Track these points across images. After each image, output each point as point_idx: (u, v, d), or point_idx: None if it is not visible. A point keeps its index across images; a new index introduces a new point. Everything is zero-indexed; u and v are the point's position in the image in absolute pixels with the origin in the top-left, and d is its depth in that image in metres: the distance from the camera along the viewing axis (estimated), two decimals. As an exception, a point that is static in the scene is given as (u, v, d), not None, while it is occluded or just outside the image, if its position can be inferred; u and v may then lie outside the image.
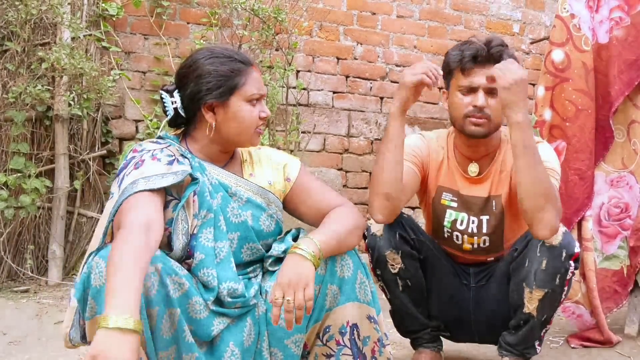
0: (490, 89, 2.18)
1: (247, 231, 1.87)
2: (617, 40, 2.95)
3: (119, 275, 1.44)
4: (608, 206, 3.03)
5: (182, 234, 1.75)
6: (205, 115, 1.84)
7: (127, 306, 1.39)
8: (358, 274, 1.86)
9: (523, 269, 2.16)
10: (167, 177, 1.72)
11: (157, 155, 1.78)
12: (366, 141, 4.78)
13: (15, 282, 3.61)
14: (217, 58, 1.85)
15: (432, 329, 2.43)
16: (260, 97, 1.89)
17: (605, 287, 3.01)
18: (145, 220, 1.60)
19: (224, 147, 1.91)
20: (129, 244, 1.52)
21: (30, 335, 2.88)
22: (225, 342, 1.75)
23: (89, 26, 3.90)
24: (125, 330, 1.37)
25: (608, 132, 2.99)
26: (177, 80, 1.90)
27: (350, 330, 1.84)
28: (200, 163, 1.85)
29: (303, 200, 1.99)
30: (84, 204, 3.91)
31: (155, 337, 1.62)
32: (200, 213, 1.79)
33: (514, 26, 5.24)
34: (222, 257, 1.80)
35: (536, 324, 2.19)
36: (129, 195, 1.66)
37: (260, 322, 1.82)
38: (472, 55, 2.21)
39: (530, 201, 2.05)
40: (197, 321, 1.71)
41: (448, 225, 2.39)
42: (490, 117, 2.21)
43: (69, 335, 1.71)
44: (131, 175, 1.73)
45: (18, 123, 3.55)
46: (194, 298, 1.70)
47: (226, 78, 1.83)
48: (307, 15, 4.40)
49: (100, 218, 1.82)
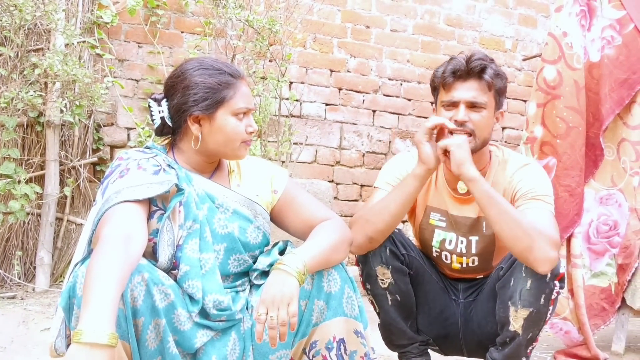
0: (473, 104, 2.19)
1: (233, 242, 1.85)
2: (609, 59, 2.98)
3: (95, 289, 1.43)
4: (597, 223, 3.04)
5: (168, 245, 1.73)
6: (190, 127, 1.82)
7: (101, 320, 1.38)
8: (345, 289, 1.84)
9: (509, 288, 2.16)
10: (152, 187, 1.71)
11: (143, 164, 1.76)
12: (358, 154, 4.79)
13: (2, 288, 3.59)
14: (205, 70, 1.83)
15: (421, 343, 2.42)
16: (248, 111, 1.86)
17: (593, 304, 3.02)
18: (126, 232, 1.58)
19: (209, 158, 1.89)
20: (106, 256, 1.50)
21: (16, 341, 2.86)
22: (208, 356, 1.73)
23: (83, 33, 3.90)
24: (98, 345, 1.36)
25: (598, 150, 3.01)
26: (166, 89, 1.88)
27: (337, 345, 1.83)
28: (187, 173, 1.83)
29: (290, 212, 1.97)
30: (74, 211, 3.89)
31: (141, 347, 1.60)
32: (186, 224, 1.77)
33: (506, 42, 5.28)
34: (207, 269, 1.78)
35: (522, 341, 2.19)
36: (112, 205, 1.64)
37: (245, 337, 1.81)
38: (451, 71, 2.21)
39: (515, 246, 2.06)
40: (181, 332, 1.69)
41: (437, 245, 2.38)
42: (473, 131, 2.20)
43: (54, 344, 1.69)
44: (116, 183, 1.71)
45: (9, 128, 3.54)
46: (179, 309, 1.68)
47: (213, 91, 1.81)
48: (301, 27, 4.42)
49: (84, 226, 1.81)
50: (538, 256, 2.02)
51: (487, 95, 2.21)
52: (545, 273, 2.06)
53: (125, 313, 1.54)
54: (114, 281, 1.45)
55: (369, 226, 2.17)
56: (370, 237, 2.17)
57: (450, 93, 2.22)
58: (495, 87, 2.22)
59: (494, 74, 2.21)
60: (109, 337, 1.38)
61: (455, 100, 2.21)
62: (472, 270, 2.39)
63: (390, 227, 2.20)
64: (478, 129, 2.20)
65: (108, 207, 1.64)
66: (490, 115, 2.23)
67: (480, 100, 2.19)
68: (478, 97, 2.18)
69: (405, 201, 2.18)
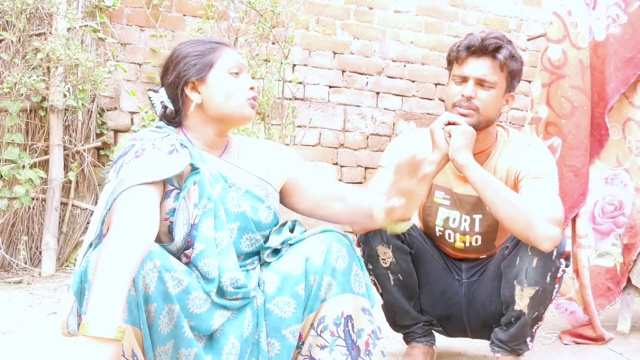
0: (482, 81, 2.20)
1: (246, 222, 1.86)
2: (614, 38, 2.95)
3: (104, 279, 1.43)
4: (602, 203, 3.03)
5: (183, 224, 1.74)
6: (189, 95, 1.85)
7: (108, 313, 1.39)
8: (353, 266, 1.85)
9: (514, 267, 2.16)
10: (168, 167, 1.71)
11: (158, 144, 1.77)
12: (362, 136, 4.78)
13: (9, 273, 3.60)
14: (192, 43, 1.90)
15: (424, 323, 2.43)
16: (241, 68, 1.89)
17: (598, 284, 3.02)
18: (138, 216, 1.59)
19: (218, 129, 1.89)
20: (117, 243, 1.51)
21: (23, 325, 2.87)
22: (225, 335, 1.74)
23: (85, 17, 3.88)
24: (104, 339, 1.37)
25: (603, 130, 3.00)
26: (161, 76, 1.92)
27: (344, 321, 1.84)
28: (200, 152, 1.85)
29: (299, 191, 1.99)
30: (78, 196, 3.90)
31: (153, 333, 1.61)
32: (201, 202, 1.78)
33: (510, 23, 5.24)
34: (223, 247, 1.79)
35: (527, 321, 2.20)
36: (127, 188, 1.64)
37: (258, 313, 1.82)
38: (466, 46, 2.24)
39: (514, 227, 2.08)
40: (198, 316, 1.69)
41: (440, 223, 2.39)
42: (478, 108, 2.21)
43: (67, 321, 1.70)
44: (131, 164, 1.71)
45: (12, 113, 3.54)
46: (194, 292, 1.68)
47: (201, 56, 1.86)
48: (304, 9, 4.39)
49: (97, 206, 1.81)
50: (538, 235, 2.03)
51: (499, 75, 2.21)
52: (548, 251, 2.06)
53: (137, 300, 1.54)
54: (124, 270, 1.46)
55: None
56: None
57: (462, 68, 2.24)
58: (508, 68, 2.22)
59: (508, 55, 2.21)
60: (116, 330, 1.38)
61: (466, 76, 2.23)
62: (475, 249, 2.39)
63: None
64: (483, 107, 2.21)
65: (124, 188, 1.64)
66: (498, 95, 2.23)
67: (490, 79, 2.20)
68: (488, 76, 2.20)
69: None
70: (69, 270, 3.69)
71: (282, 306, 1.80)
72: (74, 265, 3.78)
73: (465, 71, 2.23)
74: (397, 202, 1.82)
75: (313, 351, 1.85)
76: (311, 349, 1.85)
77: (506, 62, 2.21)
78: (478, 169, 2.15)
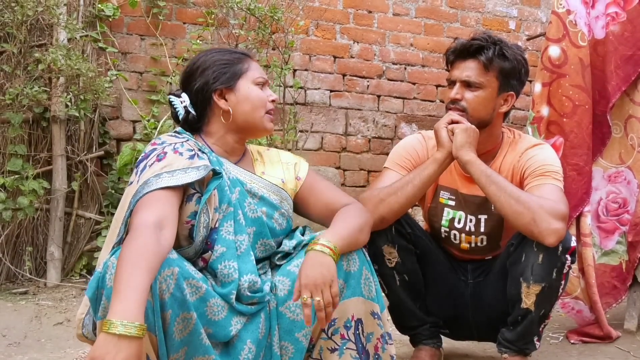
0: (468, 83, 2.25)
1: (262, 227, 1.89)
2: (614, 36, 2.96)
3: (125, 279, 1.45)
4: (606, 201, 3.03)
5: (203, 227, 1.77)
6: (218, 102, 1.89)
7: (130, 312, 1.40)
8: (363, 270, 1.87)
9: (520, 264, 2.17)
10: (190, 172, 1.74)
11: (179, 148, 1.80)
12: (364, 139, 4.78)
13: (14, 284, 3.60)
14: (218, 52, 1.94)
15: (431, 324, 2.43)
16: (265, 81, 1.95)
17: (604, 283, 3.01)
18: (158, 218, 1.61)
19: (238, 137, 1.94)
20: (138, 245, 1.53)
21: (29, 336, 2.88)
22: (242, 341, 1.76)
23: (85, 27, 3.89)
24: (125, 337, 1.38)
25: (605, 128, 3.00)
26: (183, 82, 1.96)
27: (355, 324, 1.85)
28: (218, 158, 1.87)
29: (312, 198, 2.02)
30: (82, 205, 3.90)
31: (168, 339, 1.62)
32: (221, 207, 1.80)
33: (510, 23, 5.24)
34: (242, 250, 1.82)
35: (534, 319, 2.19)
36: (151, 191, 1.67)
37: (271, 316, 1.83)
38: (452, 50, 2.30)
39: (518, 222, 2.09)
40: (216, 323, 1.71)
41: (446, 224, 2.39)
42: (466, 109, 2.24)
43: (83, 321, 1.71)
44: (154, 166, 1.74)
45: (15, 125, 3.54)
46: (212, 300, 1.70)
47: (230, 65, 1.91)
48: (303, 14, 4.40)
49: (118, 207, 1.83)
50: (542, 228, 2.04)
51: (486, 75, 2.25)
52: (553, 245, 2.07)
53: (153, 305, 1.55)
54: (144, 272, 1.47)
55: (383, 205, 2.19)
56: (383, 216, 2.19)
57: (452, 72, 2.30)
58: (496, 68, 2.24)
59: (495, 55, 2.23)
60: (138, 328, 1.40)
61: (454, 79, 2.28)
62: (481, 250, 2.39)
63: (404, 208, 2.22)
64: (470, 108, 2.25)
65: (148, 191, 1.68)
66: (487, 95, 2.26)
67: (475, 80, 2.24)
68: (473, 77, 2.25)
69: (422, 184, 2.21)
70: (74, 280, 3.69)
71: (294, 309, 1.82)
72: (79, 275, 3.78)
73: (453, 75, 2.29)
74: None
75: (324, 354, 1.86)
76: (322, 351, 1.86)
77: (491, 62, 2.23)
78: (481, 165, 2.17)
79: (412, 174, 2.23)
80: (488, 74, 2.24)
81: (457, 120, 2.21)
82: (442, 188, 2.39)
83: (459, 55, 2.27)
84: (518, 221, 2.09)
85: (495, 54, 2.23)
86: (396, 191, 2.19)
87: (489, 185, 2.13)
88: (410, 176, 2.23)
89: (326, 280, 1.69)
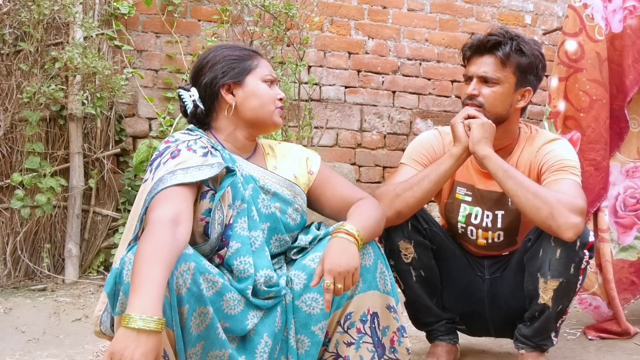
0: (484, 78, 2.24)
1: (276, 222, 1.90)
2: (631, 30, 2.93)
3: (143, 274, 1.46)
4: (624, 197, 3.01)
5: (218, 224, 1.78)
6: (225, 97, 1.90)
7: (148, 306, 1.42)
8: (378, 264, 1.88)
9: (537, 259, 2.16)
10: (204, 169, 1.75)
11: (193, 146, 1.81)
12: (379, 135, 4.77)
13: (33, 281, 3.64)
14: (227, 48, 1.95)
15: (447, 320, 2.42)
16: (274, 80, 1.95)
17: (622, 278, 2.99)
18: (174, 215, 1.63)
19: (248, 132, 1.94)
20: (154, 241, 1.55)
21: (48, 333, 2.90)
22: (259, 335, 1.77)
23: (101, 25, 3.91)
24: (144, 331, 1.40)
25: (623, 122, 2.97)
26: (192, 77, 1.97)
27: (370, 318, 1.85)
28: (230, 155, 1.88)
29: (327, 192, 2.02)
30: (99, 202, 3.93)
31: (185, 334, 1.63)
32: (235, 203, 1.82)
33: (526, 17, 5.21)
34: (257, 246, 1.83)
35: (552, 314, 2.18)
36: (166, 187, 1.68)
37: (287, 310, 1.84)
38: (469, 46, 2.29)
39: (536, 216, 2.09)
40: (232, 317, 1.72)
41: (462, 220, 2.39)
42: (483, 105, 2.24)
43: (100, 318, 1.73)
44: (168, 163, 1.75)
45: (32, 123, 3.57)
46: (228, 294, 1.71)
47: (239, 60, 1.92)
48: (317, 10, 4.40)
49: (134, 205, 1.85)
50: (560, 223, 2.03)
51: (503, 71, 2.24)
52: (571, 240, 2.06)
53: (170, 301, 1.57)
54: (161, 267, 1.49)
55: (400, 200, 2.19)
56: (399, 211, 2.19)
57: (468, 67, 2.30)
58: (513, 63, 2.23)
59: (512, 51, 2.22)
60: (156, 322, 1.42)
61: (470, 75, 2.28)
62: (498, 246, 2.39)
63: (420, 203, 2.22)
64: (488, 103, 2.24)
65: (163, 187, 1.69)
66: (505, 91, 2.25)
67: (493, 75, 2.23)
68: (490, 72, 2.23)
69: (439, 179, 2.21)
70: (92, 277, 3.72)
71: (310, 303, 1.82)
72: (96, 272, 3.81)
73: (470, 70, 2.28)
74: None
75: (340, 348, 1.86)
76: (338, 345, 1.87)
77: (508, 57, 2.22)
78: (498, 160, 2.16)
79: (429, 169, 2.23)
80: (505, 69, 2.23)
81: (473, 115, 2.20)
82: (458, 184, 2.38)
83: (476, 51, 2.26)
84: (536, 216, 2.08)
85: (512, 50, 2.22)
86: (412, 186, 2.19)
87: (507, 180, 2.12)
88: (426, 171, 2.22)
89: (350, 268, 1.71)
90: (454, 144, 2.23)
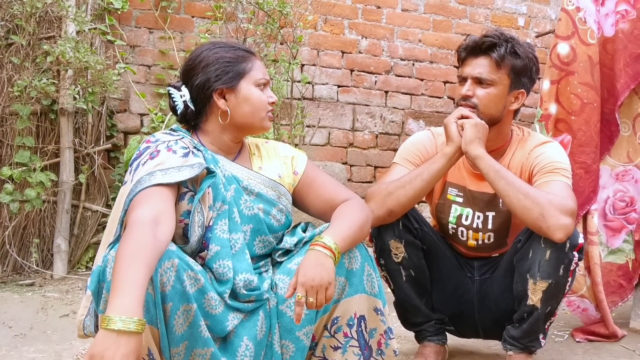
0: (480, 80, 2.24)
1: (259, 224, 1.88)
2: (623, 34, 2.94)
3: (123, 274, 1.44)
4: (613, 200, 3.02)
5: (198, 226, 1.75)
6: (217, 102, 1.86)
7: (128, 307, 1.40)
8: (365, 266, 1.86)
9: (527, 260, 2.17)
10: (184, 170, 1.73)
11: (173, 146, 1.78)
12: (371, 135, 4.77)
13: (21, 276, 3.62)
14: (221, 48, 1.90)
15: (436, 321, 2.43)
16: (267, 82, 1.92)
17: (610, 281, 3.01)
18: (154, 215, 1.60)
19: (235, 136, 1.92)
20: (135, 241, 1.52)
21: (35, 328, 2.89)
22: (239, 337, 1.75)
23: (93, 20, 3.90)
24: (124, 332, 1.38)
25: (613, 126, 2.99)
26: (184, 75, 1.92)
27: (357, 322, 1.85)
28: (213, 156, 1.86)
29: (311, 193, 1.99)
30: (89, 198, 3.91)
31: (169, 332, 1.62)
32: (215, 205, 1.79)
33: (519, 20, 5.23)
34: (237, 249, 1.81)
35: (540, 316, 2.19)
36: (144, 188, 1.66)
37: (271, 315, 1.82)
38: (464, 47, 2.30)
39: (527, 217, 2.09)
40: (213, 316, 1.70)
41: (453, 221, 2.39)
42: (477, 106, 2.24)
43: (83, 323, 1.72)
44: (147, 165, 1.73)
45: (23, 117, 3.56)
46: (210, 293, 1.69)
47: (233, 64, 1.87)
48: (311, 9, 4.39)
49: (113, 207, 1.83)
50: (550, 223, 2.04)
51: (498, 73, 2.25)
52: (561, 241, 2.07)
53: (154, 298, 1.55)
54: (142, 267, 1.47)
55: (392, 199, 2.19)
56: (391, 210, 2.19)
57: (462, 68, 2.30)
58: (508, 65, 2.24)
59: (507, 53, 2.23)
60: (137, 323, 1.39)
61: (465, 76, 2.28)
62: (488, 247, 2.39)
63: (412, 202, 2.22)
64: (482, 104, 2.25)
65: (141, 188, 1.67)
66: (499, 93, 2.26)
67: (487, 77, 2.24)
68: (484, 74, 2.24)
69: (431, 177, 2.21)
70: (81, 273, 3.71)
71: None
72: (85, 268, 3.79)
73: (465, 71, 2.29)
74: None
75: (327, 352, 1.86)
76: (325, 350, 1.86)
77: (503, 59, 2.23)
78: (490, 160, 2.17)
79: (421, 168, 2.23)
80: (500, 71, 2.24)
81: (467, 116, 2.21)
82: (450, 184, 2.39)
83: (471, 52, 2.27)
84: (526, 216, 2.09)
85: (507, 52, 2.23)
86: (404, 185, 2.19)
87: (498, 180, 2.13)
88: (419, 170, 2.23)
89: (323, 283, 1.68)
90: (447, 144, 2.23)
